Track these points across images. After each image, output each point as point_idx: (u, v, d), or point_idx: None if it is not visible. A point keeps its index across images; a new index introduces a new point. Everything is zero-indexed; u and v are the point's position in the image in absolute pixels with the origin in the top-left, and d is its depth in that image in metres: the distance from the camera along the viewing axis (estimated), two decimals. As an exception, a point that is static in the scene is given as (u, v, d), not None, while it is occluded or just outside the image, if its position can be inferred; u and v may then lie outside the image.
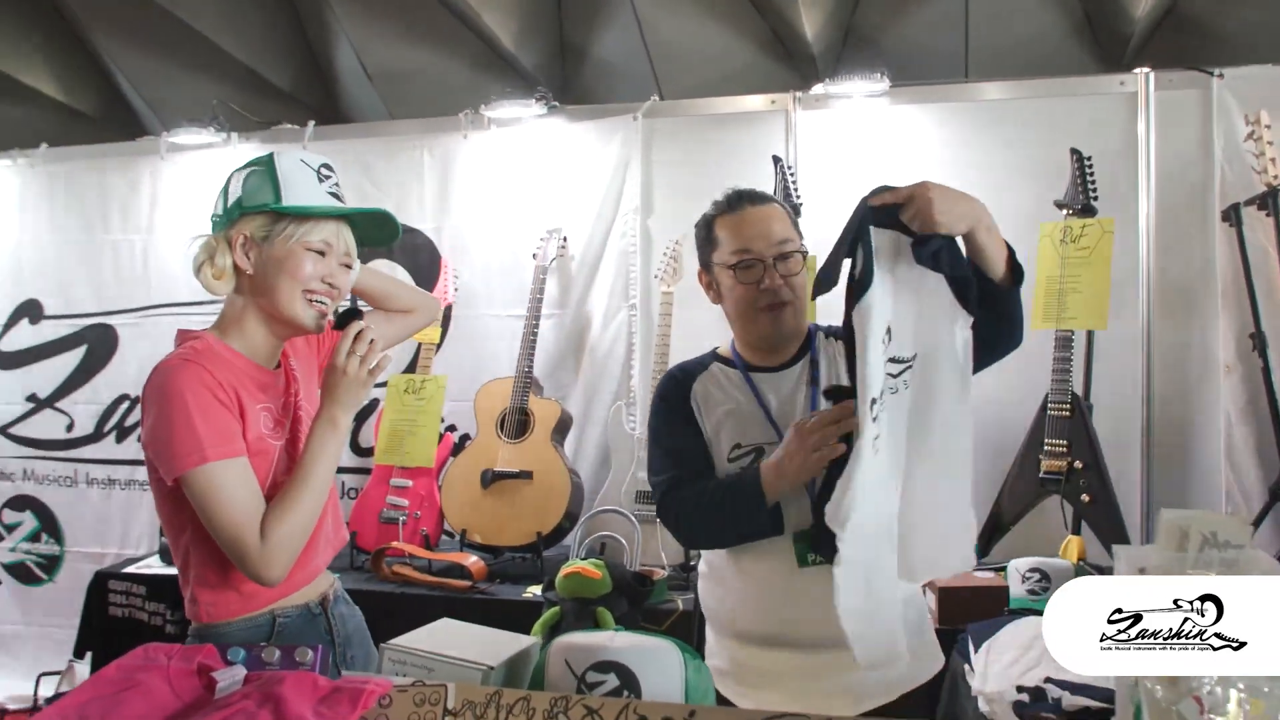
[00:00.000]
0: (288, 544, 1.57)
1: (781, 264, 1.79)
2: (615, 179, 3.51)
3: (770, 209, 1.83)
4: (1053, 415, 2.83)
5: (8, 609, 4.28)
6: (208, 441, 1.51)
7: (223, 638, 1.60)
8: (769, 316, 1.81)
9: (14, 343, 4.23)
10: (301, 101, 3.80)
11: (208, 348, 1.62)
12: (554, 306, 3.57)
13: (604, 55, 3.64)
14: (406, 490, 3.31)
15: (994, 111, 3.22)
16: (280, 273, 1.61)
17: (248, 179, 1.64)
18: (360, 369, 1.62)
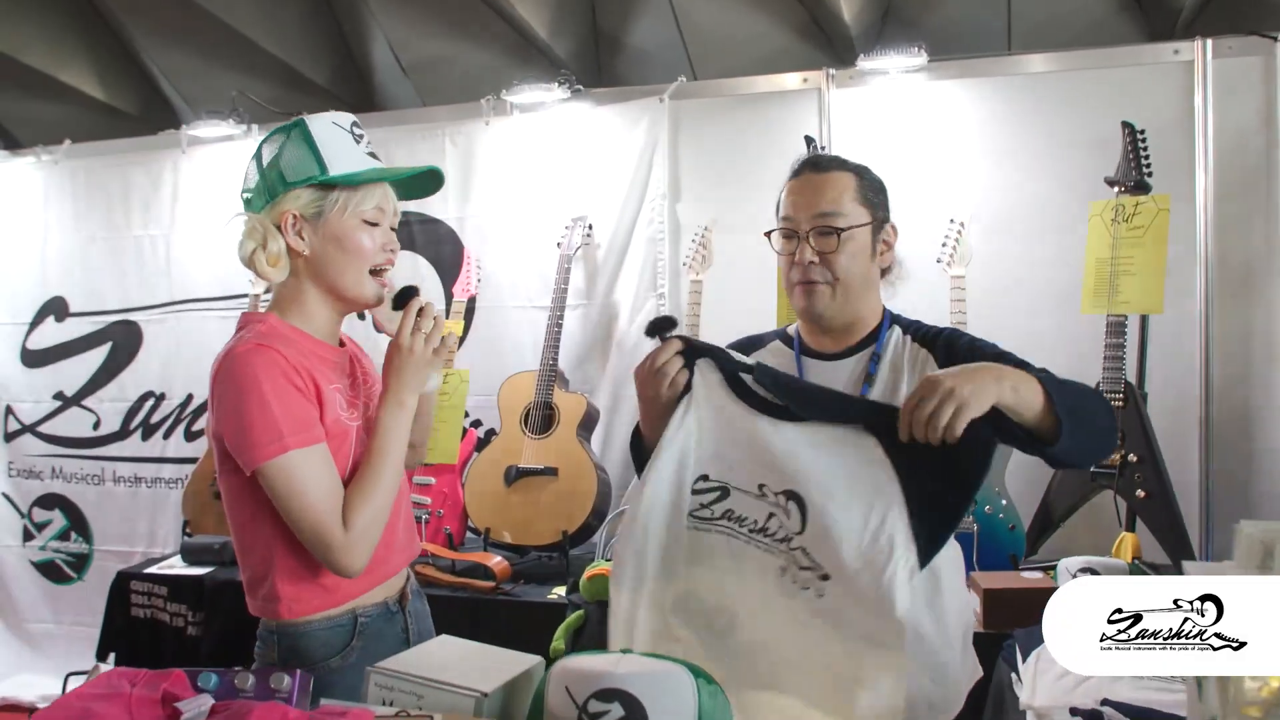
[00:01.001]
0: (369, 531, 1.51)
1: (818, 238, 1.64)
2: (642, 164, 3.39)
3: (829, 177, 1.67)
4: (1105, 405, 2.66)
5: (38, 607, 4.27)
6: (287, 429, 1.45)
7: (304, 636, 1.55)
8: (801, 295, 1.68)
9: (40, 341, 4.20)
10: (338, 96, 3.76)
11: (273, 329, 1.55)
12: (580, 297, 3.46)
13: (638, 43, 3.54)
14: (429, 488, 3.22)
15: (1039, 86, 3.05)
16: (341, 253, 1.55)
17: (284, 150, 1.54)
18: (426, 348, 1.57)
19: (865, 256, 1.67)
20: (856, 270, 1.66)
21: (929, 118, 3.13)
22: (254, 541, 1.56)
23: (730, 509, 1.47)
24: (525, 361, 3.38)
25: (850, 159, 1.74)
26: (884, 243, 1.72)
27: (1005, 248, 3.01)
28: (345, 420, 1.56)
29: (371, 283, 1.59)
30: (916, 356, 1.67)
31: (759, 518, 1.44)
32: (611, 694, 1.08)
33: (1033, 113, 3.04)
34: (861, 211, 1.66)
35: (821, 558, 1.38)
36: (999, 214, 3.02)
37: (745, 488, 1.46)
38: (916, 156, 3.12)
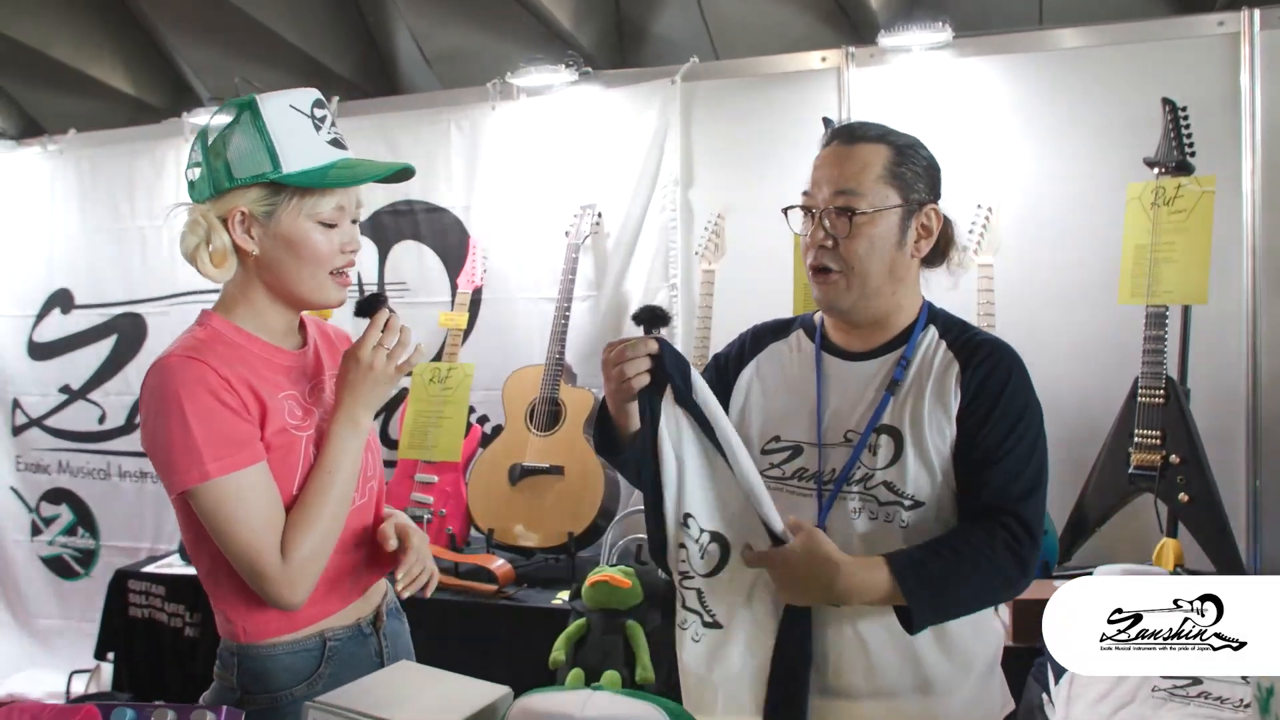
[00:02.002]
0: (311, 561, 1.36)
1: (831, 219, 1.45)
2: (653, 148, 3.23)
3: (855, 150, 1.47)
4: (1144, 402, 2.49)
5: (46, 603, 4.22)
6: (210, 454, 1.30)
7: (266, 660, 1.41)
8: (815, 282, 1.50)
9: (46, 333, 4.14)
10: (362, 88, 3.69)
11: (215, 335, 1.40)
12: (589, 288, 3.32)
13: (662, 31, 3.42)
14: (431, 486, 3.11)
15: (1073, 62, 2.86)
16: (294, 257, 1.39)
17: (231, 137, 1.36)
18: (388, 364, 1.42)
19: (889, 244, 1.47)
20: (876, 260, 1.46)
21: (955, 97, 2.95)
22: (201, 560, 1.43)
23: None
24: (533, 355, 3.25)
25: (895, 130, 1.52)
26: (921, 228, 1.50)
27: (1036, 234, 2.83)
28: (293, 430, 1.41)
29: (331, 285, 1.43)
30: (948, 369, 1.46)
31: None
32: (568, 741, 0.95)
33: (1066, 91, 2.85)
34: (888, 192, 1.45)
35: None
36: (1030, 198, 2.84)
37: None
38: (942, 138, 2.88)
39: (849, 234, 1.44)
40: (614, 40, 3.47)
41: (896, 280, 1.50)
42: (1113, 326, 2.68)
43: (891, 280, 1.49)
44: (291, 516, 1.37)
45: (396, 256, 3.60)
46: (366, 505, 1.54)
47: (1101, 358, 2.72)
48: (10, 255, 4.17)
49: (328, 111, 1.43)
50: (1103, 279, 2.65)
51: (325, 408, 1.47)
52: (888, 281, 1.48)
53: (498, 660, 2.69)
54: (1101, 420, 2.61)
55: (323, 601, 1.44)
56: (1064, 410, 2.64)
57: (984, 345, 1.48)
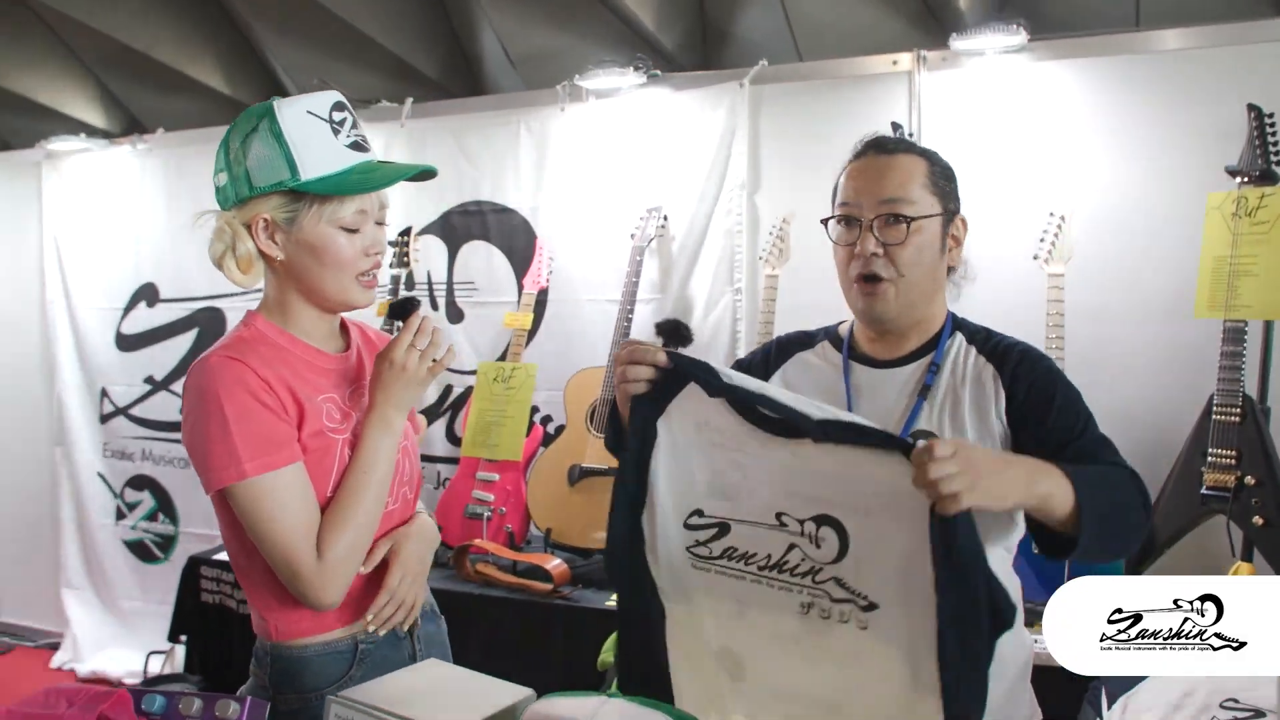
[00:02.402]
0: (346, 562, 1.40)
1: (884, 228, 1.46)
2: (720, 152, 3.22)
3: (896, 159, 1.50)
4: (1219, 421, 2.40)
5: (129, 585, 4.39)
6: (245, 454, 1.33)
7: (298, 661, 1.45)
8: (860, 293, 1.50)
9: (133, 326, 4.30)
10: (448, 88, 3.78)
11: (258, 335, 1.44)
12: (653, 291, 3.32)
13: (745, 33, 3.40)
14: (492, 485, 3.15)
15: (1153, 65, 2.76)
16: (318, 263, 1.42)
17: (251, 145, 1.39)
18: (420, 365, 1.45)
19: (934, 251, 1.50)
20: (924, 266, 1.49)
21: (1029, 102, 2.87)
22: (237, 558, 1.48)
23: (731, 546, 1.30)
24: (597, 356, 3.26)
25: (918, 144, 1.57)
26: (953, 238, 1.54)
27: (1110, 244, 2.74)
28: (330, 433, 1.44)
29: (356, 288, 1.46)
30: (982, 372, 1.48)
31: (773, 552, 1.27)
32: (582, 752, 0.95)
33: (1146, 96, 2.75)
34: (932, 201, 1.49)
35: (866, 586, 1.21)
36: (1104, 207, 2.75)
37: (754, 519, 1.28)
38: (1015, 144, 2.87)
39: (903, 240, 1.46)
40: (697, 42, 3.46)
41: (936, 288, 1.53)
42: (1188, 341, 2.59)
43: (933, 288, 1.52)
44: (326, 517, 1.40)
45: (465, 256, 3.66)
46: (401, 509, 1.56)
47: (1176, 373, 2.63)
48: (101, 250, 4.34)
49: (348, 114, 1.45)
50: (1179, 291, 2.56)
51: (364, 411, 1.49)
52: (931, 288, 1.52)
53: (551, 660, 2.72)
54: (1174, 437, 2.52)
55: (356, 604, 1.47)
56: (1136, 426, 2.56)
57: (1015, 347, 1.51)
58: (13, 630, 4.82)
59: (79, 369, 4.44)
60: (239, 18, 3.89)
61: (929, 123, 2.97)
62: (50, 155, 4.42)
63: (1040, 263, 2.62)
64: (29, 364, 4.61)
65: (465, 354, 3.64)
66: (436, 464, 3.67)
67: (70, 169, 4.43)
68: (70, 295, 4.44)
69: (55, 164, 4.45)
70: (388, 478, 1.46)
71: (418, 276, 3.69)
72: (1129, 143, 2.76)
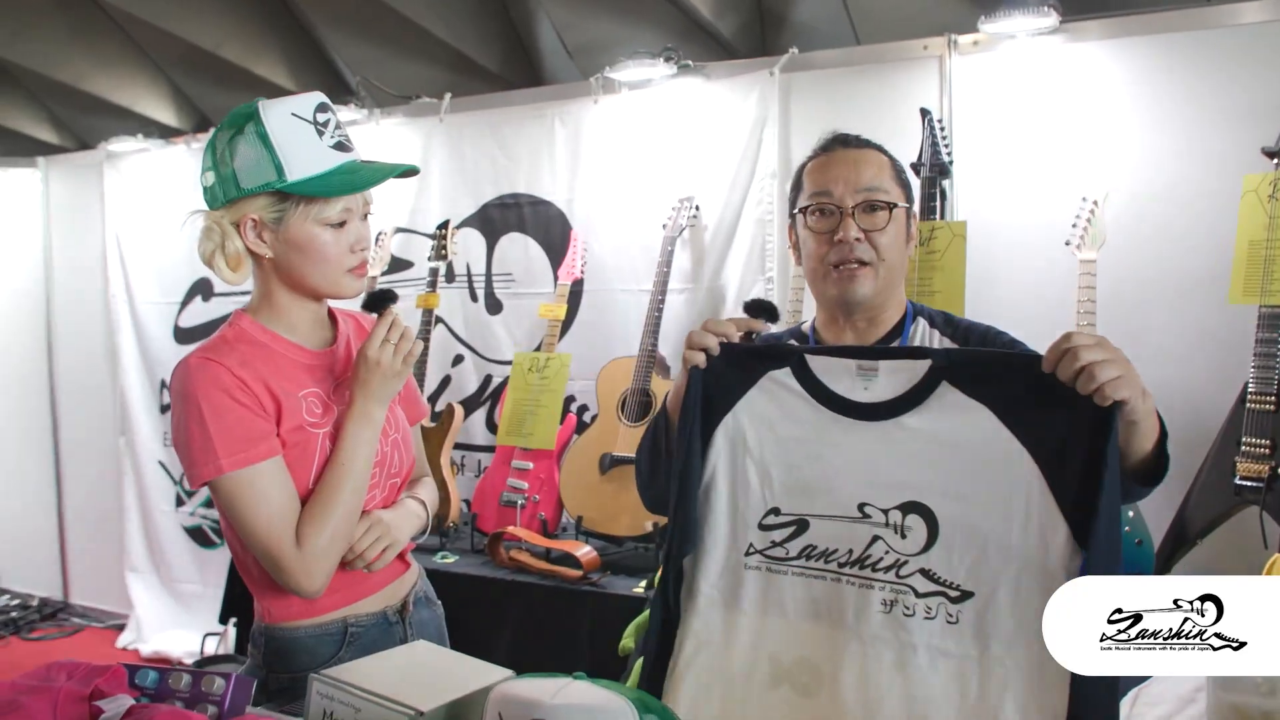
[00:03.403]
0: (327, 551, 1.45)
1: (864, 215, 1.54)
2: (751, 141, 3.22)
3: (866, 154, 1.61)
4: (1253, 409, 2.34)
5: (188, 569, 4.55)
6: (222, 450, 1.39)
7: (289, 642, 1.51)
8: (839, 277, 1.54)
9: (190, 319, 4.45)
10: (508, 80, 3.83)
11: (240, 335, 1.50)
12: (685, 280, 3.34)
13: (804, 19, 3.38)
14: (526, 473, 3.20)
15: (1188, 45, 2.67)
16: (305, 258, 1.47)
17: (238, 148, 1.43)
18: (395, 359, 1.49)
19: (904, 239, 1.61)
20: (898, 253, 1.59)
21: (1063, 85, 2.82)
22: (233, 545, 1.54)
23: (810, 544, 1.26)
24: (631, 346, 3.29)
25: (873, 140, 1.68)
26: (911, 233, 1.66)
27: (1143, 228, 2.68)
28: (310, 428, 1.49)
29: (346, 280, 1.51)
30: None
31: (855, 546, 1.23)
32: (540, 728, 0.98)
33: (1181, 77, 2.68)
34: (900, 192, 1.60)
35: (959, 575, 1.17)
36: (1138, 190, 2.69)
37: (835, 513, 1.24)
38: (1047, 128, 2.82)
39: (884, 226, 1.55)
40: (755, 29, 3.44)
41: (904, 273, 1.63)
42: (1223, 327, 2.53)
43: (902, 273, 1.63)
44: (307, 508, 1.45)
45: (503, 248, 3.71)
46: (387, 500, 1.61)
47: (1209, 360, 2.57)
48: (159, 246, 4.49)
49: (331, 115, 1.49)
50: (1213, 276, 2.50)
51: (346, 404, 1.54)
52: (901, 274, 1.62)
53: (579, 645, 2.76)
54: (1208, 426, 2.46)
55: (345, 590, 1.52)
56: (1168, 414, 2.42)
57: (976, 327, 1.60)
58: (83, 612, 5.04)
59: (140, 361, 4.60)
60: (303, 16, 3.98)
61: (960, 107, 2.93)
62: (110, 155, 4.59)
63: (1072, 249, 2.58)
64: (96, 357, 4.81)
65: (503, 344, 3.70)
66: (477, 453, 3.74)
67: (129, 168, 4.59)
68: (131, 290, 4.61)
69: (115, 163, 4.62)
70: (368, 469, 1.51)
71: (457, 269, 3.76)
72: (1163, 125, 2.70)
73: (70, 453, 5.06)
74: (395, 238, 3.81)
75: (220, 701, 1.05)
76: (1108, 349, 1.12)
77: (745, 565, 1.30)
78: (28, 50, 4.14)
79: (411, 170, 1.54)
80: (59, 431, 5.08)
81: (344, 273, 1.50)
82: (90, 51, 4.22)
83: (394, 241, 3.81)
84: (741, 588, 1.30)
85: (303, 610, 1.51)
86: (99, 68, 4.28)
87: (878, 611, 1.21)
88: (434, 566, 2.96)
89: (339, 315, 1.64)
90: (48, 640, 4.76)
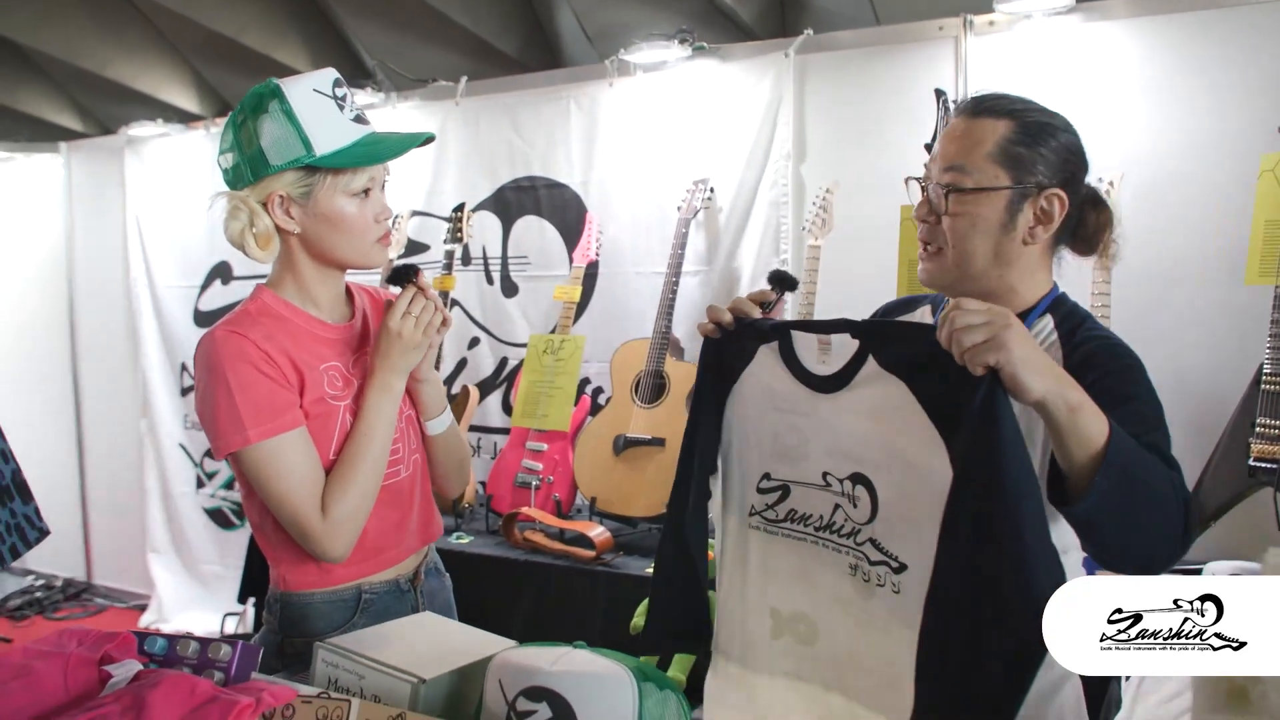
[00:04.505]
0: (352, 518, 1.48)
1: (938, 195, 1.39)
2: (766, 123, 3.22)
3: (976, 124, 1.40)
4: (1268, 390, 2.32)
5: (208, 550, 4.61)
6: (249, 421, 1.42)
7: (305, 608, 1.54)
8: (920, 257, 1.45)
9: (210, 303, 4.49)
10: (527, 66, 3.84)
11: (262, 308, 1.52)
12: (700, 263, 3.34)
13: (823, 2, 3.36)
14: (541, 454, 3.21)
15: (1207, 23, 2.64)
16: (334, 230, 1.50)
17: (263, 126, 1.45)
18: (415, 331, 1.51)
19: (993, 226, 1.38)
20: (978, 240, 1.38)
21: (1079, 65, 2.79)
22: (252, 516, 1.57)
23: (793, 508, 1.31)
24: (646, 328, 3.29)
25: (1034, 107, 1.44)
26: (1041, 212, 1.39)
27: (1160, 208, 2.65)
28: (331, 400, 1.52)
29: (374, 249, 1.54)
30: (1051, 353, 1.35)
31: (824, 512, 1.26)
32: (540, 693, 1.00)
33: (1199, 55, 2.65)
34: (997, 172, 1.37)
35: (896, 546, 1.19)
36: (1154, 170, 2.67)
37: (807, 480, 1.28)
38: (1063, 108, 2.76)
39: (949, 211, 1.39)
40: (776, 12, 3.43)
41: (1003, 264, 1.40)
42: (1239, 308, 2.51)
43: (997, 264, 1.40)
44: (331, 477, 1.48)
45: (519, 231, 3.72)
46: (411, 478, 1.63)
47: (1226, 341, 2.55)
48: (179, 230, 4.53)
49: (347, 90, 1.52)
50: (1231, 257, 2.48)
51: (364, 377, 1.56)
52: (992, 265, 1.40)
53: (592, 624, 2.78)
54: (1224, 407, 2.44)
55: (362, 564, 1.55)
56: (1184, 395, 2.50)
57: (1096, 336, 1.38)
58: (105, 592, 5.12)
59: (161, 344, 4.65)
60: (323, 2, 4.00)
61: (976, 88, 2.88)
62: (131, 140, 4.63)
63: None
64: (117, 340, 4.86)
65: (519, 327, 3.71)
66: (493, 435, 3.76)
67: (150, 153, 4.63)
68: (152, 274, 4.65)
69: (136, 148, 4.66)
70: (388, 439, 1.53)
71: (473, 252, 3.78)
72: (1179, 104, 2.68)
73: (92, 436, 5.13)
74: (412, 221, 3.83)
75: (227, 668, 1.07)
76: (983, 314, 1.07)
77: (749, 525, 1.36)
78: (51, 38, 4.18)
79: (429, 138, 1.56)
80: (81, 414, 5.15)
81: (372, 243, 1.53)
82: (113, 39, 4.26)
83: (410, 224, 3.83)
84: (748, 545, 1.36)
85: (319, 579, 1.53)
86: (121, 55, 4.32)
87: (846, 575, 1.25)
88: (449, 547, 2.99)
89: (355, 290, 1.67)
90: (72, 620, 4.83)
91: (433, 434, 1.66)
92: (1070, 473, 1.13)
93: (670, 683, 1.05)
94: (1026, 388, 1.06)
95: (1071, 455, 1.11)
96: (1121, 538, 1.16)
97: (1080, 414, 1.10)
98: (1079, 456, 1.11)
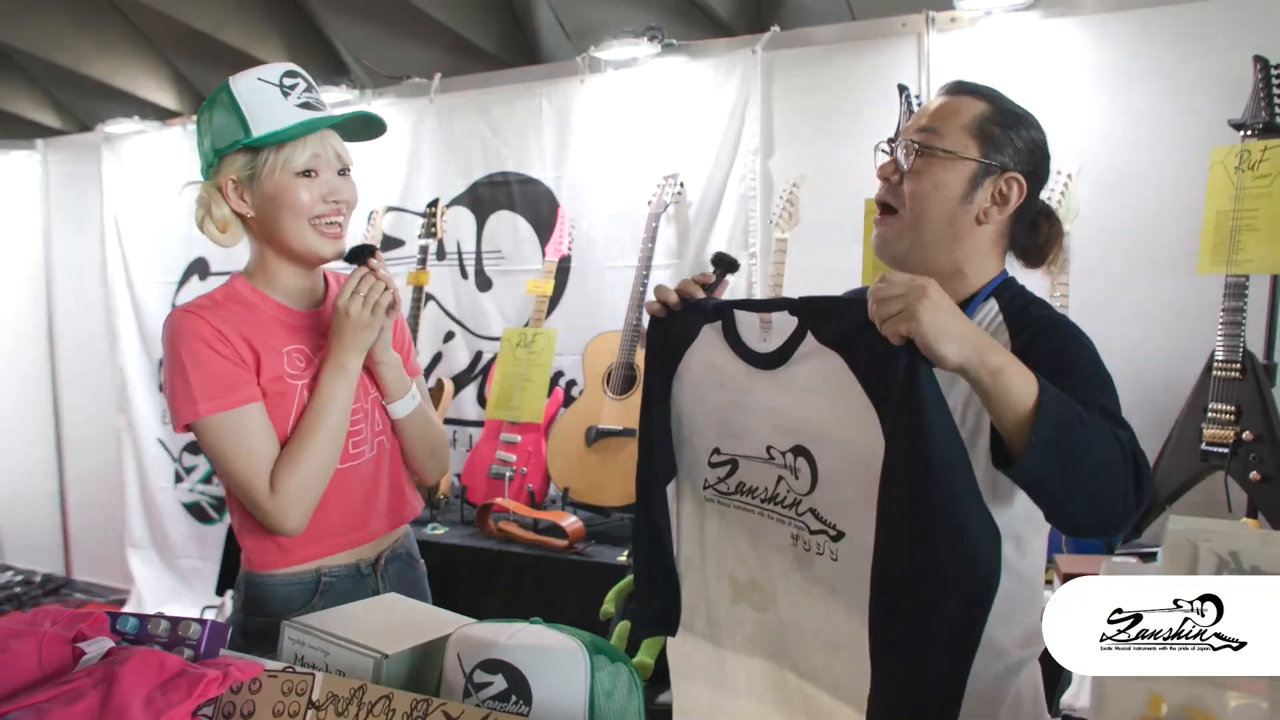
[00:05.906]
0: (302, 493, 1.53)
1: (905, 150, 1.38)
2: (734, 118, 3.27)
3: (956, 99, 1.41)
4: (1219, 376, 2.39)
5: (187, 544, 4.63)
6: (201, 395, 1.48)
7: (266, 589, 1.60)
8: (876, 223, 1.45)
9: (187, 298, 4.42)
10: (506, 62, 3.86)
11: (230, 294, 1.59)
12: (670, 256, 3.39)
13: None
14: (514, 446, 3.26)
15: (1160, 19, 2.71)
16: (278, 209, 1.54)
17: (213, 117, 1.55)
18: (364, 311, 1.56)
19: (953, 195, 1.37)
20: (936, 206, 1.37)
21: (1037, 60, 2.86)
22: (226, 490, 1.62)
23: (741, 481, 1.35)
24: (617, 321, 3.33)
25: (1013, 100, 1.45)
26: (999, 194, 1.39)
27: (1116, 201, 2.73)
28: (289, 379, 1.57)
29: (314, 234, 1.57)
30: (996, 335, 1.35)
31: (768, 484, 1.31)
32: (496, 665, 1.05)
33: (1152, 51, 2.72)
34: (968, 143, 1.37)
35: (835, 515, 1.23)
36: (1110, 163, 2.74)
37: (753, 454, 1.33)
38: (1022, 103, 2.84)
39: (913, 169, 1.38)
40: (752, 7, 3.47)
41: (955, 237, 1.40)
42: (1193, 297, 2.58)
43: (950, 236, 1.40)
44: (283, 453, 1.53)
45: (492, 226, 3.76)
46: (376, 460, 1.67)
47: (1180, 329, 2.62)
48: (156, 227, 4.55)
49: (300, 81, 1.58)
50: (1184, 247, 2.54)
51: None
52: (946, 235, 1.40)
53: (565, 611, 2.81)
54: (1178, 393, 2.51)
55: (322, 542, 1.60)
56: (1140, 382, 2.56)
57: (1043, 316, 1.39)
58: (84, 587, 5.14)
59: (139, 340, 4.67)
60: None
61: (938, 83, 2.94)
62: (108, 137, 4.65)
63: (1047, 225, 2.62)
64: (95, 336, 4.87)
65: (493, 321, 3.76)
66: (469, 428, 3.81)
67: (127, 150, 4.64)
68: (129, 270, 4.67)
69: (113, 145, 4.67)
70: (344, 418, 1.58)
71: (447, 247, 3.81)
72: (1134, 98, 2.75)
73: (71, 431, 5.14)
74: (387, 216, 3.86)
75: (196, 645, 1.11)
76: (901, 285, 1.10)
77: (705, 499, 1.41)
78: (28, 34, 4.19)
79: (374, 119, 1.63)
80: (60, 410, 5.16)
81: (311, 224, 1.55)
82: (90, 35, 4.27)
83: (385, 220, 3.86)
84: (704, 516, 1.42)
85: (279, 559, 1.59)
86: (99, 51, 4.33)
87: (788, 544, 1.30)
88: (425, 538, 3.03)
89: (332, 279, 1.72)
90: (51, 615, 4.84)
91: (396, 417, 1.69)
92: (1006, 435, 1.14)
93: (622, 656, 1.10)
94: (942, 355, 1.09)
95: (1002, 418, 1.13)
96: (1067, 494, 1.16)
97: (1003, 376, 1.11)
98: (1009, 419, 1.12)
